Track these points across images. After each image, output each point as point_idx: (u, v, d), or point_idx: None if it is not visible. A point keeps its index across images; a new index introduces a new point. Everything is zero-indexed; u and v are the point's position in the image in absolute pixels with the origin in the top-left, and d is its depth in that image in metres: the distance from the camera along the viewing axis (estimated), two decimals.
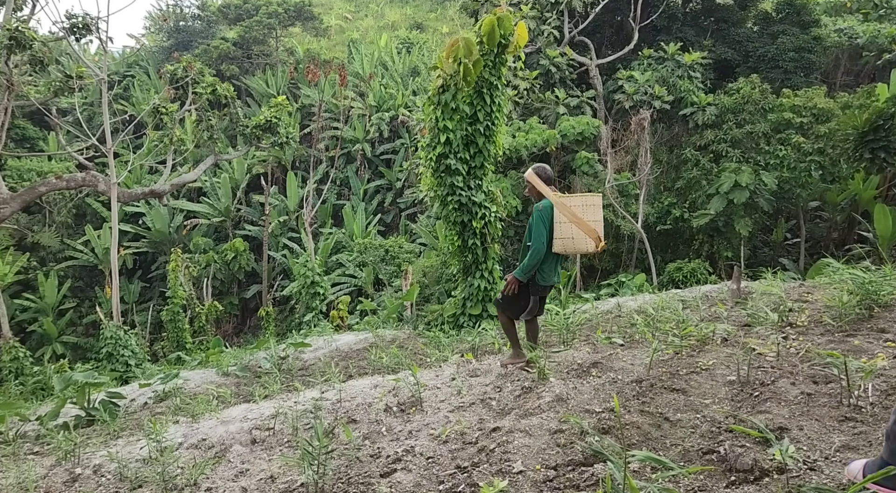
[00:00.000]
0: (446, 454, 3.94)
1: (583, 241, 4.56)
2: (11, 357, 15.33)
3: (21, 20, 15.89)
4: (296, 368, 10.04)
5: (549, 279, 4.81)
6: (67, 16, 16.81)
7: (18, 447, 7.38)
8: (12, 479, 5.31)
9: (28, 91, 18.36)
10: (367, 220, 28.46)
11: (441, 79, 10.12)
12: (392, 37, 39.60)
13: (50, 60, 16.30)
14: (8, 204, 18.02)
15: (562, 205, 4.60)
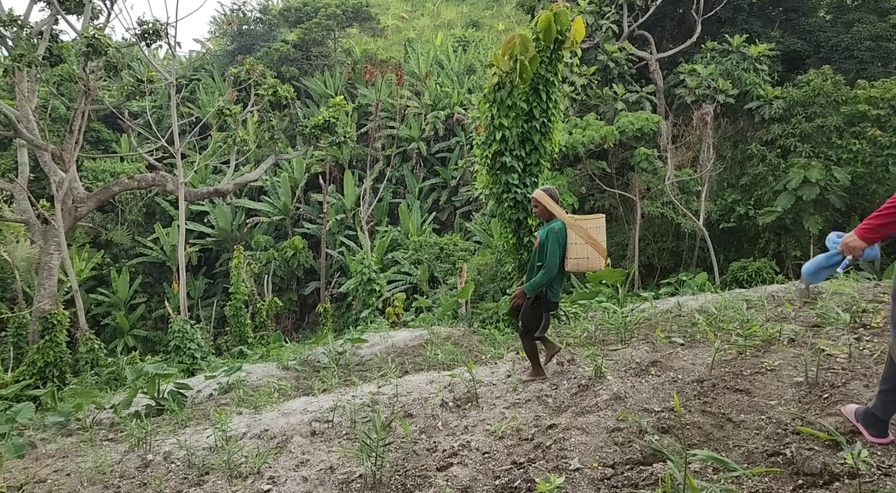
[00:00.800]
0: (502, 450, 3.95)
1: (596, 260, 4.72)
2: (88, 349, 16.14)
3: (97, 28, 16.71)
4: (353, 363, 10.22)
5: (558, 296, 5.00)
6: (139, 22, 17.58)
7: (94, 433, 7.78)
8: (90, 463, 5.60)
9: (103, 95, 19.30)
10: (423, 218, 28.64)
11: (497, 76, 10.09)
12: (448, 35, 39.69)
13: (123, 66, 17.09)
14: (84, 203, 19.01)
15: (577, 227, 4.75)
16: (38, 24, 17.89)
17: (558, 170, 20.07)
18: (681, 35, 24.65)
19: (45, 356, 15.19)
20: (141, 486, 4.99)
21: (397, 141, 31.34)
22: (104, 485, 5.11)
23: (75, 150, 17.94)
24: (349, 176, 29.98)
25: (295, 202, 30.93)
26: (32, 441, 7.79)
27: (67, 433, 8.41)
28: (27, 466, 6.43)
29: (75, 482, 5.19)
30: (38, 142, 17.63)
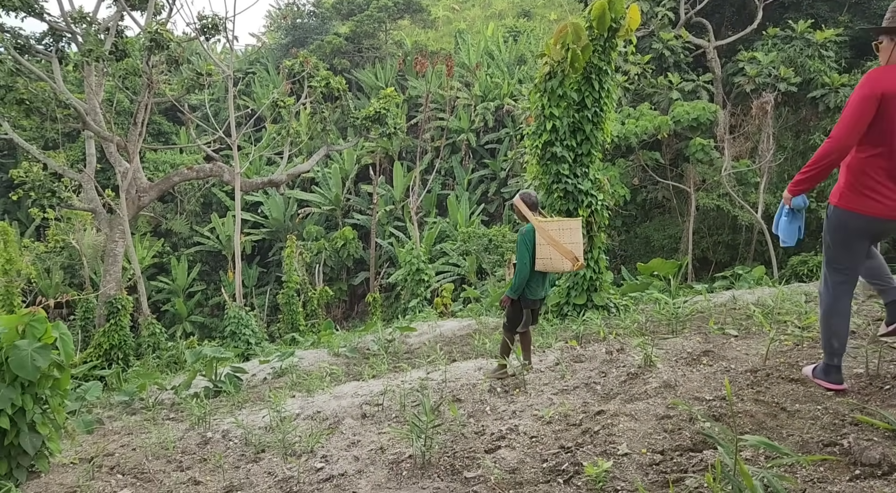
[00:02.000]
0: (550, 435, 3.97)
1: (559, 261, 4.98)
2: (150, 333, 16.86)
3: (160, 23, 17.34)
4: (401, 351, 10.36)
5: (536, 294, 5.30)
6: (199, 17, 18.15)
7: (157, 412, 8.14)
8: (154, 439, 5.89)
9: (164, 89, 20.00)
10: (471, 209, 28.68)
11: (548, 65, 10.00)
12: (499, 26, 39.47)
13: (183, 60, 17.68)
14: (147, 193, 19.79)
15: (541, 229, 5.04)
16: (105, 21, 18.68)
17: (610, 161, 19.77)
18: (741, 22, 23.85)
19: (110, 339, 15.94)
20: (201, 461, 5.22)
21: (447, 132, 31.42)
22: (167, 459, 5.36)
23: (139, 141, 18.68)
24: (398, 167, 30.24)
25: (345, 193, 31.42)
26: (100, 418, 8.22)
27: (132, 412, 8.83)
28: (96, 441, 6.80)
29: (140, 457, 5.47)
30: (104, 134, 18.42)
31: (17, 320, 5.14)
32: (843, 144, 3.38)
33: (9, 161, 30.36)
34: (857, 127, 3.32)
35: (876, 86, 3.28)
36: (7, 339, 5.01)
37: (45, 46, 18.65)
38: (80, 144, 27.15)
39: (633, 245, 21.65)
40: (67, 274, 27.21)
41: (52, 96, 16.79)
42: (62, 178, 18.88)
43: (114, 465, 5.30)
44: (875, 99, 3.27)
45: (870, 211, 3.40)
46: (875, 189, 3.38)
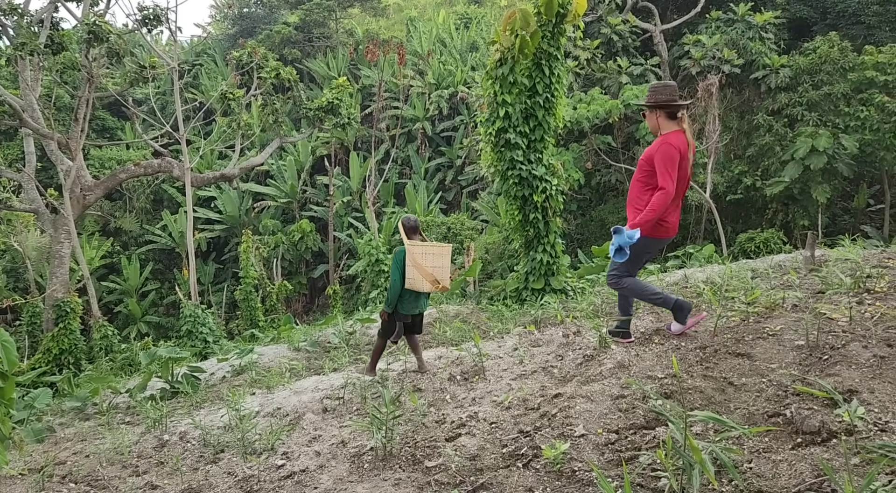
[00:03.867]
0: (509, 420, 4.02)
1: (420, 282, 5.47)
2: (101, 335, 16.37)
3: (97, 15, 16.69)
4: (363, 343, 10.34)
5: (409, 309, 5.75)
6: (139, 8, 17.53)
7: (111, 417, 7.94)
8: (108, 445, 5.74)
9: (106, 83, 19.31)
10: (429, 198, 28.64)
11: (499, 52, 10.03)
12: (450, 13, 39.32)
13: (125, 52, 17.08)
14: (92, 191, 19.13)
15: (409, 251, 5.52)
16: (39, 13, 17.88)
17: (563, 145, 19.99)
18: (685, 5, 24.32)
19: (59, 344, 15.42)
20: (158, 465, 5.12)
21: (402, 121, 31.24)
22: (122, 465, 5.24)
23: (81, 138, 18.02)
24: (354, 158, 29.97)
25: (301, 185, 30.99)
26: (51, 426, 7.97)
27: (85, 418, 8.59)
28: (47, 450, 6.59)
29: (94, 463, 5.33)
30: (43, 131, 17.71)
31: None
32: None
33: None
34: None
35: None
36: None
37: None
38: (18, 142, 26.07)
39: (588, 228, 21.98)
40: (11, 278, 26.16)
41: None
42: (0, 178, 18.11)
43: (66, 474, 5.15)
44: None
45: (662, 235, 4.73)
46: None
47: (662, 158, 4.48)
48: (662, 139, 4.59)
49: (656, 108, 4.66)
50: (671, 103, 4.62)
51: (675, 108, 4.63)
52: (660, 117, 4.67)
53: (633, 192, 4.81)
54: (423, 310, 5.90)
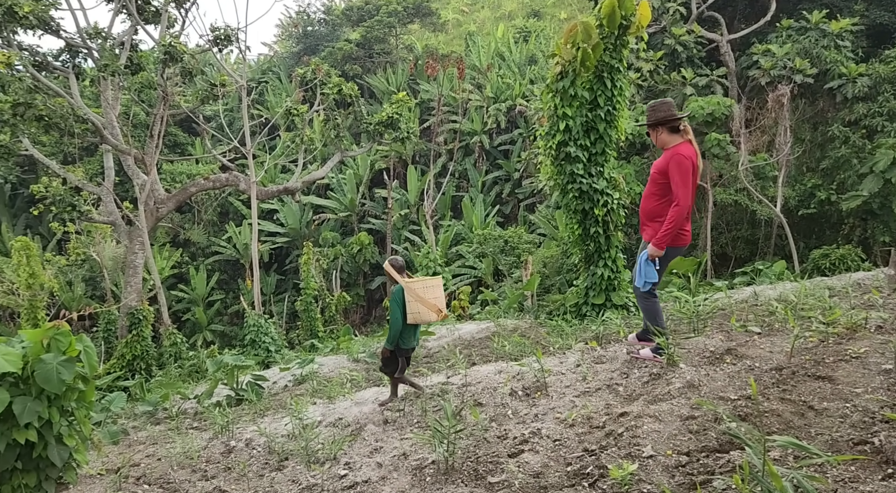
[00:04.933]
0: (573, 438, 3.95)
1: (427, 314, 5.81)
2: (171, 343, 17.01)
3: (173, 36, 17.53)
4: (421, 355, 10.36)
5: (409, 343, 6.06)
6: (212, 29, 18.32)
7: (180, 421, 8.20)
8: (178, 449, 5.93)
9: (179, 101, 20.21)
10: (486, 211, 28.64)
11: (559, 65, 9.97)
12: (509, 27, 39.44)
13: (197, 71, 17.84)
14: (165, 204, 20.00)
15: (408, 288, 5.82)
16: (120, 35, 18.92)
17: (625, 158, 19.65)
18: (753, 14, 23.61)
19: (133, 350, 16.12)
20: (226, 470, 5.25)
21: (459, 135, 31.42)
22: (192, 469, 5.40)
23: (156, 153, 18.89)
24: (412, 171, 30.29)
25: (360, 198, 31.52)
26: (125, 429, 8.31)
27: (156, 422, 8.92)
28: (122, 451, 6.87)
29: (166, 466, 5.51)
30: (122, 147, 18.65)
31: (42, 334, 5.20)
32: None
33: (29, 177, 30.85)
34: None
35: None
36: (33, 353, 5.07)
37: (62, 63, 18.93)
38: (99, 157, 27.53)
39: None
40: (89, 286, 27.57)
41: (70, 112, 17.02)
42: (81, 191, 19.15)
43: (140, 475, 5.34)
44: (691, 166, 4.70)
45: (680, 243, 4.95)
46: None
47: (677, 169, 4.66)
48: (673, 151, 4.78)
49: (657, 125, 4.93)
50: (670, 118, 4.87)
51: (676, 121, 4.87)
52: (663, 133, 4.92)
53: (650, 205, 4.99)
54: (418, 342, 6.26)
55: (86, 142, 19.52)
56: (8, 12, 15.65)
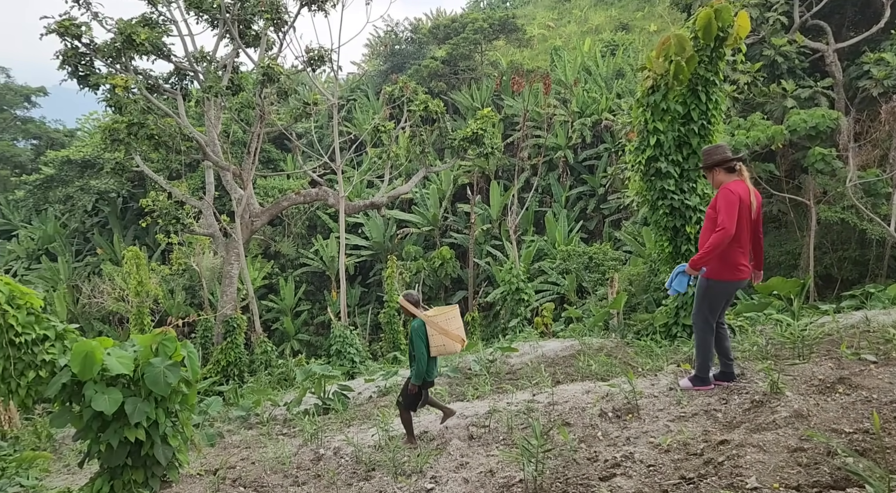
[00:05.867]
0: (668, 464, 3.79)
1: (452, 345, 5.81)
2: (262, 350, 17.72)
3: (271, 58, 18.47)
4: (503, 371, 10.28)
5: (432, 376, 6.02)
6: (307, 50, 19.16)
7: (271, 427, 8.51)
8: (271, 454, 6.14)
9: (274, 119, 21.20)
10: (570, 227, 28.21)
11: (650, 79, 9.74)
12: (596, 40, 38.95)
13: (291, 91, 18.69)
14: (259, 217, 20.96)
15: (430, 322, 5.82)
16: (223, 59, 20.11)
17: None
18: (864, 21, 22.18)
19: (227, 356, 16.89)
20: (316, 477, 5.39)
21: (543, 150, 31.23)
22: (284, 474, 5.58)
23: (252, 169, 19.87)
24: (495, 186, 30.32)
25: (443, 213, 31.83)
26: (221, 432, 8.70)
27: (248, 426, 9.28)
28: (218, 454, 7.19)
29: (260, 470, 5.72)
30: (222, 163, 19.74)
31: (151, 340, 5.55)
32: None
33: (139, 191, 33.14)
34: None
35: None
36: (142, 357, 5.42)
37: (171, 85, 20.32)
38: (200, 173, 29.22)
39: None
40: (188, 295, 29.19)
41: (177, 130, 18.21)
42: (184, 205, 20.39)
43: (236, 478, 5.57)
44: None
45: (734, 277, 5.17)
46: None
47: (723, 200, 5.02)
48: (723, 187, 5.17)
49: (714, 167, 5.30)
50: (725, 160, 5.22)
51: (731, 163, 5.22)
52: (719, 174, 5.28)
53: (705, 240, 5.26)
54: (438, 373, 6.35)
55: (189, 158, 20.82)
56: (127, 40, 16.99)
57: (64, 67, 17.50)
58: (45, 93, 46.41)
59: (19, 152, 43.74)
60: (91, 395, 5.03)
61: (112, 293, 22.83)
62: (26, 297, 5.24)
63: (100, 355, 5.11)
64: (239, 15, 19.71)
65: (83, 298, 26.52)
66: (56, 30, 16.99)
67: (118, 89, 16.73)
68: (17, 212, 37.94)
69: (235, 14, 19.59)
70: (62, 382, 5.08)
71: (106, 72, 17.93)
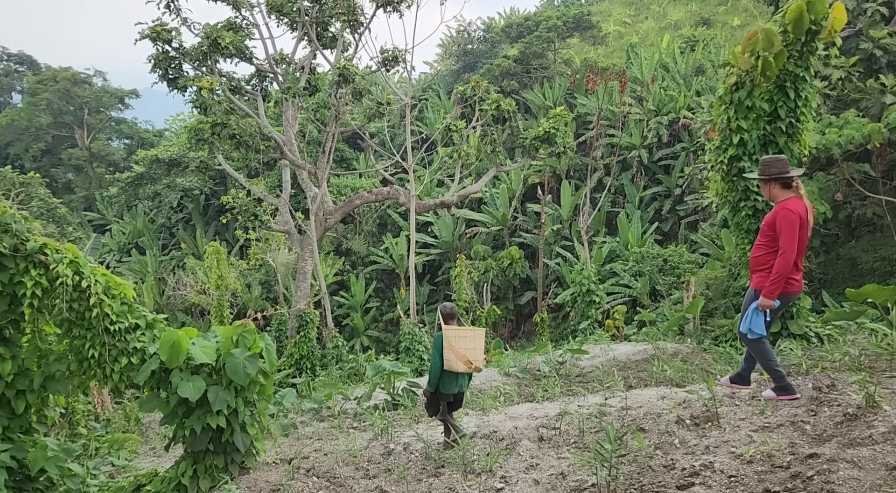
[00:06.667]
0: (751, 475, 3.63)
1: (456, 363, 5.75)
2: (333, 345, 18.15)
3: (347, 59, 18.89)
4: (573, 374, 10.14)
5: (448, 389, 5.95)
6: (381, 51, 19.49)
7: (342, 420, 8.69)
8: (342, 446, 6.28)
9: (348, 119, 21.66)
10: (643, 228, 27.48)
11: (734, 75, 9.33)
12: (675, 36, 37.77)
13: (365, 91, 19.05)
14: (332, 215, 21.47)
15: (444, 336, 5.85)
16: (301, 61, 20.72)
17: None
18: None
19: (300, 350, 17.39)
20: (386, 471, 5.47)
21: (617, 149, 30.55)
22: (355, 467, 5.69)
23: (326, 168, 20.38)
24: (566, 186, 29.90)
25: (512, 213, 31.65)
26: (294, 423, 8.96)
27: (320, 419, 9.52)
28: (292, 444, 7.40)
29: (332, 462, 5.85)
30: (298, 162, 20.34)
31: (232, 331, 5.78)
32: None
33: (220, 189, 34.60)
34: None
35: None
36: (224, 347, 5.65)
37: (252, 87, 21.10)
38: (277, 171, 30.20)
39: (834, 268, 19.31)
40: (264, 289, 30.24)
41: (257, 130, 18.90)
42: (262, 202, 21.12)
43: (309, 468, 5.72)
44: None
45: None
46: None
47: (784, 223, 4.99)
48: (781, 205, 5.14)
49: (771, 180, 5.25)
50: (784, 175, 5.18)
51: (789, 179, 5.19)
52: (774, 188, 5.26)
53: (757, 255, 5.38)
54: (464, 390, 6.14)
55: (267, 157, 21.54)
56: (213, 44, 17.77)
57: (155, 71, 18.47)
58: (137, 95, 49.18)
59: (113, 151, 46.58)
60: (177, 382, 5.28)
61: (194, 286, 23.92)
62: (120, 287, 5.56)
63: (185, 344, 5.36)
64: (317, 17, 20.25)
65: (168, 290, 27.94)
66: (149, 35, 17.96)
67: (204, 91, 17.51)
68: (111, 208, 40.35)
69: (314, 17, 20.13)
70: (151, 369, 5.35)
71: (193, 74, 18.81)
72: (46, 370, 5.45)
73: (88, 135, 45.13)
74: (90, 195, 43.03)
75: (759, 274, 5.29)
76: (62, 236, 30.26)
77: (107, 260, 34.66)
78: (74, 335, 5.32)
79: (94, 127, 46.15)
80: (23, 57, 53.60)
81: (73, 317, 5.26)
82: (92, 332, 5.25)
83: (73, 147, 45.33)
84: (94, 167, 44.92)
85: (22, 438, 5.47)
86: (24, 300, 5.18)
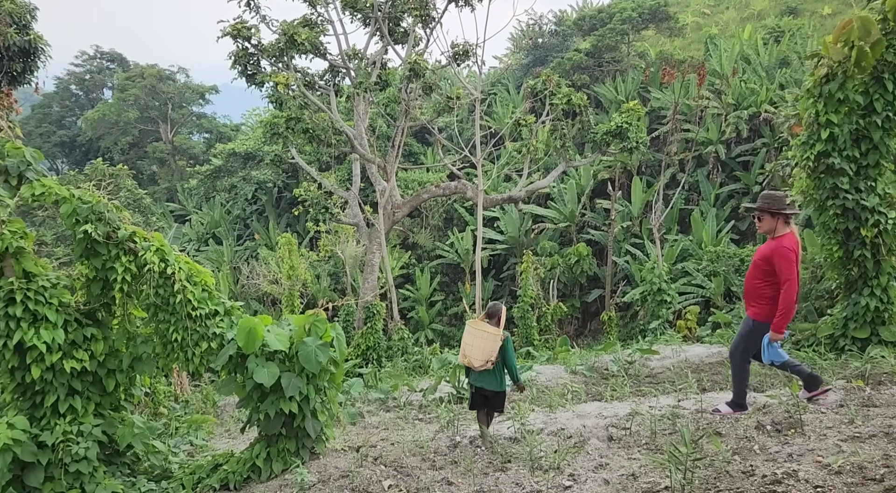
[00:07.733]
0: (840, 486, 3.43)
1: (461, 356, 5.88)
2: (399, 337, 18.39)
3: (418, 54, 19.04)
4: (642, 374, 9.91)
5: (475, 380, 5.92)
6: (452, 45, 19.52)
7: (408, 412, 8.79)
8: (409, 437, 6.35)
9: (417, 113, 21.83)
10: (718, 226, 26.49)
11: (825, 67, 8.83)
12: (757, 27, 36.13)
13: (435, 86, 19.14)
14: (400, 209, 21.72)
15: (465, 327, 5.96)
16: (373, 56, 21.02)
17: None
18: None
19: (367, 341, 17.71)
20: (452, 463, 5.49)
21: (693, 144, 29.53)
22: (422, 458, 5.73)
23: (395, 162, 20.62)
24: (637, 182, 29.15)
25: (580, 209, 31.13)
26: (361, 412, 9.13)
27: (386, 409, 9.66)
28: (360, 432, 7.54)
29: (399, 452, 5.92)
30: (368, 156, 20.67)
31: (305, 320, 5.93)
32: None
33: (292, 182, 35.60)
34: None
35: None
36: (297, 336, 5.80)
37: (325, 82, 21.57)
38: (347, 165, 30.79)
39: None
40: (332, 280, 30.94)
41: (329, 125, 19.31)
42: (332, 195, 21.58)
43: (377, 456, 5.81)
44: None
45: None
46: None
47: (783, 261, 5.19)
48: (777, 243, 5.32)
49: (780, 215, 5.40)
50: (786, 211, 5.40)
51: (793, 215, 5.41)
52: (780, 222, 5.41)
53: (753, 285, 5.55)
54: (487, 387, 5.84)
55: (338, 151, 21.97)
56: (289, 40, 18.27)
57: (235, 67, 19.14)
58: (216, 91, 51.25)
59: (194, 145, 48.74)
60: (253, 367, 5.47)
61: (267, 276, 24.73)
62: (201, 275, 5.80)
63: (261, 331, 5.54)
64: (389, 13, 20.48)
65: (242, 279, 29.00)
66: (230, 33, 18.63)
67: (280, 86, 18.02)
68: (191, 199, 42.21)
69: (386, 12, 20.37)
70: (229, 354, 5.56)
71: (270, 70, 19.40)
72: (134, 352, 5.76)
73: (172, 129, 47.37)
74: (172, 187, 45.16)
75: (758, 306, 5.44)
76: (147, 226, 31.89)
77: (186, 249, 36.29)
78: (160, 319, 5.60)
79: (177, 121, 48.41)
80: (114, 55, 56.67)
81: (158, 302, 5.53)
82: (176, 317, 5.51)
83: (158, 141, 47.72)
84: (176, 160, 47.13)
85: (112, 414, 5.80)
86: (115, 285, 5.48)
